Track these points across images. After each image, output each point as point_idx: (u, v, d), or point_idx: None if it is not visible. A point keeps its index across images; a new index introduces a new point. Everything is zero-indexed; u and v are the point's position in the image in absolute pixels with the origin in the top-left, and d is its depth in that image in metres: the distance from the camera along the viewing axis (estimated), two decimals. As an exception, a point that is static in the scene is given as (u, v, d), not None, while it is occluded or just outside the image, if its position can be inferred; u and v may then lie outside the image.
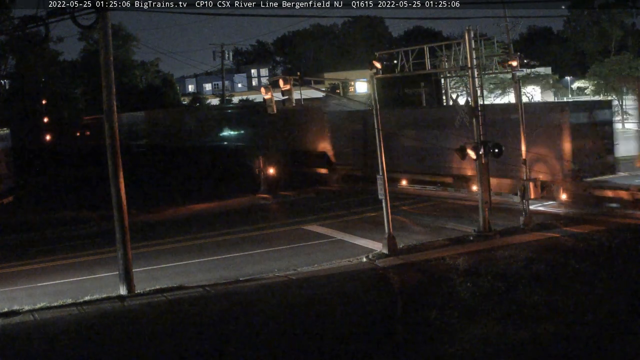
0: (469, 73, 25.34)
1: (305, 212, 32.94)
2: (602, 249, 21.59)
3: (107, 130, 20.86)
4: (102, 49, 20.67)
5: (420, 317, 16.61)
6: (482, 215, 24.74)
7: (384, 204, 23.53)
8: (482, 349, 14.46)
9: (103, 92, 20.74)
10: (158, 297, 19.75)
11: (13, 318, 18.54)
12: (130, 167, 30.01)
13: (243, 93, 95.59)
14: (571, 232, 24.21)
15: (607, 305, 16.45)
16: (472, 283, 18.86)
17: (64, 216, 35.82)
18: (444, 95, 43.03)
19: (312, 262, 22.91)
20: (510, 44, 56.20)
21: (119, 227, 20.77)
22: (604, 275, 18.83)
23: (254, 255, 24.99)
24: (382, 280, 20.57)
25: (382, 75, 26.37)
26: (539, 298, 17.25)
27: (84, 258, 26.13)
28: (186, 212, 35.74)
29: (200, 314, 18.17)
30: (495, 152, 24.66)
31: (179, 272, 23.05)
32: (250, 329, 16.75)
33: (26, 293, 21.56)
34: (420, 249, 23.65)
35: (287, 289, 19.96)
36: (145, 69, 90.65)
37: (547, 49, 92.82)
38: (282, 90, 24.70)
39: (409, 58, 26.81)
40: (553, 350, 14.27)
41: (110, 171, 20.81)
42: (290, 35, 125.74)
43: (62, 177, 55.42)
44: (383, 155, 24.00)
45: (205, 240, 28.02)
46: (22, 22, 23.72)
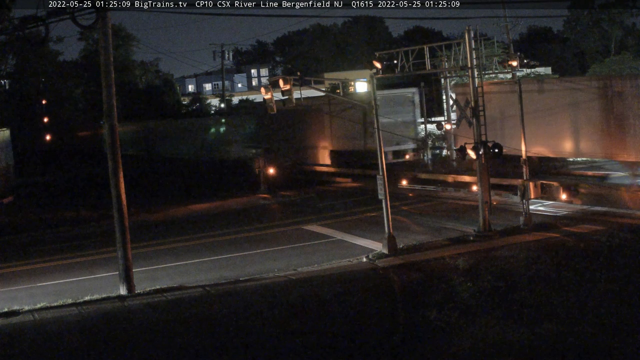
0: (469, 73, 25.34)
1: (305, 212, 32.94)
2: (602, 249, 21.58)
3: (107, 130, 20.87)
4: (102, 49, 20.67)
5: (420, 317, 16.62)
6: (482, 215, 24.73)
7: (384, 204, 23.54)
8: (482, 348, 14.46)
9: (103, 92, 20.74)
10: (158, 297, 19.75)
11: (13, 318, 18.53)
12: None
13: (243, 93, 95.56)
14: (571, 232, 24.20)
15: (607, 305, 16.45)
16: (472, 283, 18.87)
17: (64, 216, 35.83)
18: (444, 95, 42.98)
19: (312, 262, 22.91)
20: (510, 44, 56.21)
21: (119, 227, 20.78)
22: (604, 275, 18.83)
23: (254, 255, 24.99)
24: (382, 280, 20.56)
25: (382, 75, 26.38)
26: (539, 298, 17.25)
27: (84, 258, 26.14)
28: (186, 212, 35.74)
29: (200, 314, 18.17)
30: (496, 152, 24.69)
31: (179, 272, 23.05)
32: (250, 329, 16.76)
33: (26, 293, 21.57)
34: (420, 249, 23.64)
35: (287, 289, 19.96)
36: (145, 69, 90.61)
37: (547, 49, 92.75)
38: (282, 90, 24.72)
39: (409, 58, 26.79)
40: (553, 350, 14.27)
41: (110, 171, 20.82)
42: (290, 35, 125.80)
43: (62, 177, 55.44)
44: (383, 155, 24.01)
45: (205, 240, 28.03)
46: (22, 22, 23.73)
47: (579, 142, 31.10)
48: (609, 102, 29.26)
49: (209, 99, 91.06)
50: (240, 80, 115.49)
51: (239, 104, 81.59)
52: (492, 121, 27.68)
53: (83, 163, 63.43)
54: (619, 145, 29.07)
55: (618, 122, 28.87)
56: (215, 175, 49.11)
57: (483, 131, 24.84)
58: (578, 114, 30.83)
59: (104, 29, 20.39)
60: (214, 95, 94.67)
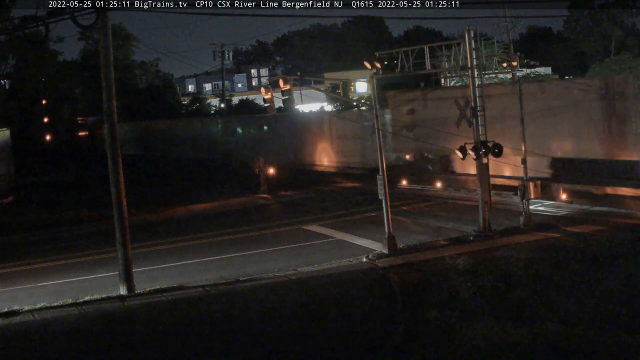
0: (469, 73, 25.34)
1: (305, 212, 32.94)
2: (602, 249, 21.57)
3: (107, 129, 20.87)
4: (102, 49, 20.66)
5: (420, 317, 16.61)
6: (482, 215, 24.73)
7: (384, 204, 23.54)
8: (482, 348, 14.45)
9: (103, 92, 20.74)
10: (158, 297, 19.75)
11: (13, 318, 18.53)
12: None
13: (243, 93, 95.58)
14: (571, 232, 24.20)
15: (607, 305, 16.45)
16: (472, 283, 18.86)
17: (64, 216, 35.84)
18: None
19: (312, 262, 22.90)
20: (510, 44, 56.18)
21: (119, 227, 20.78)
22: (604, 275, 18.83)
23: (254, 255, 24.99)
24: (382, 280, 20.56)
25: (382, 75, 26.38)
26: (539, 298, 17.24)
27: (84, 258, 26.14)
28: (186, 212, 35.76)
29: (200, 314, 18.17)
30: (496, 152, 24.71)
31: (179, 272, 23.06)
32: (250, 329, 16.75)
33: (26, 293, 21.57)
34: (420, 249, 23.64)
35: (287, 289, 19.96)
36: (145, 69, 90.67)
37: (547, 49, 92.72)
38: (282, 90, 24.77)
39: (409, 58, 26.79)
40: (553, 350, 14.26)
41: (110, 171, 20.82)
42: (290, 35, 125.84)
43: (62, 177, 55.44)
44: (383, 155, 24.02)
45: (205, 240, 28.03)
46: (22, 22, 23.73)
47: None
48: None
49: (209, 99, 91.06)
50: (240, 80, 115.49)
51: (239, 104, 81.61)
52: (491, 121, 27.67)
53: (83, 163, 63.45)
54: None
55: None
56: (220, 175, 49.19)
57: (483, 131, 24.85)
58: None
59: (104, 29, 20.38)
60: (214, 95, 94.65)
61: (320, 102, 69.39)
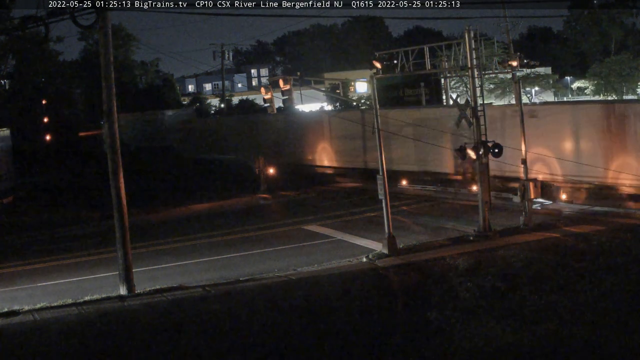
0: (469, 73, 25.34)
1: (305, 212, 32.94)
2: (602, 249, 21.57)
3: (107, 130, 20.88)
4: (102, 49, 20.67)
5: (420, 317, 16.61)
6: (482, 215, 24.72)
7: (384, 204, 23.53)
8: (482, 348, 14.45)
9: (103, 92, 20.75)
10: (158, 297, 19.75)
11: (13, 318, 18.54)
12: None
13: (243, 93, 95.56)
14: (571, 232, 24.19)
15: (606, 305, 16.45)
16: (472, 283, 18.85)
17: (64, 216, 35.83)
18: (444, 95, 42.99)
19: (312, 262, 22.91)
20: (510, 44, 56.14)
21: (119, 227, 20.78)
22: (603, 275, 18.82)
23: (254, 255, 24.99)
24: (382, 280, 20.57)
25: (382, 75, 26.38)
26: (539, 298, 17.24)
27: (84, 258, 26.14)
28: (186, 212, 35.75)
29: (200, 314, 18.17)
30: (496, 152, 24.69)
31: (179, 272, 23.05)
32: (250, 328, 16.75)
33: (26, 293, 21.57)
34: (420, 249, 23.63)
35: (287, 289, 19.96)
36: (145, 69, 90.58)
37: (547, 49, 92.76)
38: (282, 90, 24.77)
39: (409, 58, 26.79)
40: (553, 350, 14.27)
41: (110, 171, 20.82)
42: (290, 35, 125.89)
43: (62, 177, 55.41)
44: (383, 155, 24.01)
45: (205, 240, 28.03)
46: (22, 22, 23.74)
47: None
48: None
49: (209, 99, 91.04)
50: (240, 80, 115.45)
51: (239, 104, 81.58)
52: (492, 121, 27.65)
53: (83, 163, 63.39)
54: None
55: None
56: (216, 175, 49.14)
57: (483, 131, 24.85)
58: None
59: (104, 29, 20.39)
60: (214, 95, 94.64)
61: (320, 102, 69.42)
